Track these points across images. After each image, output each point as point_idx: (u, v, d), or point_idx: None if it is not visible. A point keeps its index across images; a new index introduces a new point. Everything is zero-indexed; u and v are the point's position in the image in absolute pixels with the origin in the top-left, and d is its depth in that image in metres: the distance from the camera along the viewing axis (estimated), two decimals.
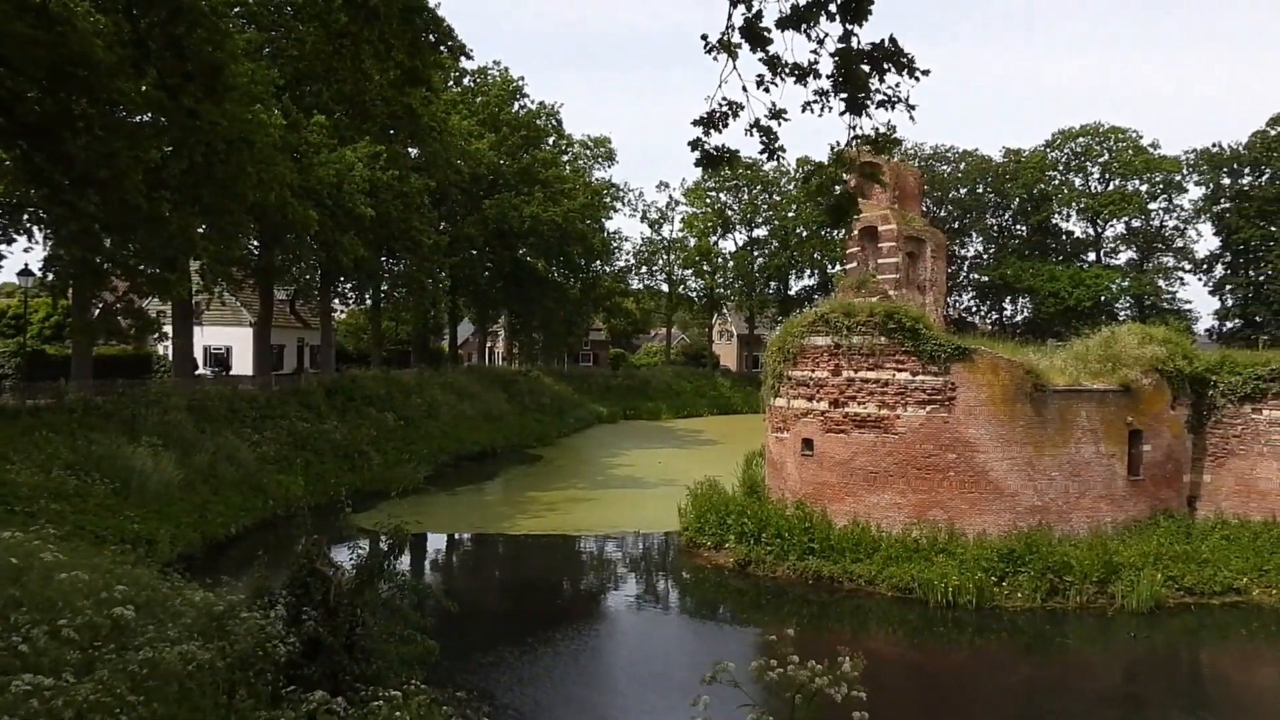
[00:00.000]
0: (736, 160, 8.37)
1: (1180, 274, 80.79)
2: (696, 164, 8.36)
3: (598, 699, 17.99)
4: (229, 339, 60.48)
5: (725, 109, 7.94)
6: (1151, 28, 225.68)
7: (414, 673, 11.02)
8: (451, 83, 60.85)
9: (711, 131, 8.07)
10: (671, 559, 29.31)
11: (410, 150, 47.20)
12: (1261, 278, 73.06)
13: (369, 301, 63.39)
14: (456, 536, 32.42)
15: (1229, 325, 76.00)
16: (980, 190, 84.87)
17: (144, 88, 16.14)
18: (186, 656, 8.25)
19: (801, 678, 6.18)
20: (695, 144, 8.17)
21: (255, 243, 41.81)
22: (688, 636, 22.50)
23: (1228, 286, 76.54)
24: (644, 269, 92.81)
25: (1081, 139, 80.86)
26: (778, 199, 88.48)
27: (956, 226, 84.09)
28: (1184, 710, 18.21)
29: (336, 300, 60.63)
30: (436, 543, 31.71)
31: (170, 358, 45.53)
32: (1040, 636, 21.71)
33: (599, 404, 74.78)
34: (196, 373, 43.45)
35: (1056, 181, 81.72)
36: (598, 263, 78.13)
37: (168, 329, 41.87)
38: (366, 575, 11.08)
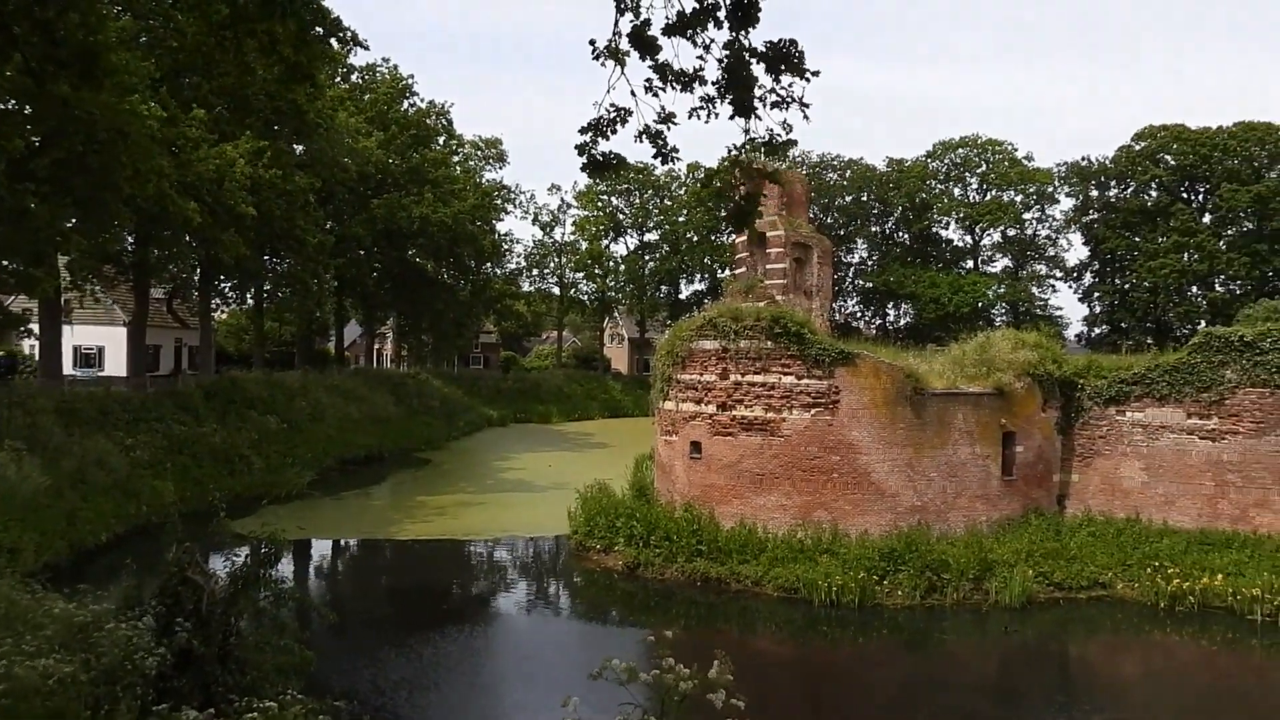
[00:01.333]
0: (624, 166, 8.38)
1: (1052, 281, 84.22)
2: (583, 169, 8.34)
3: (481, 701, 17.87)
4: (101, 338, 58.11)
5: (613, 115, 7.94)
6: (1027, 44, 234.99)
7: (291, 682, 10.72)
8: (339, 79, 59.59)
9: (599, 138, 8.07)
10: (561, 562, 29.26)
11: (296, 147, 45.99)
12: (1126, 286, 76.54)
13: (251, 301, 61.61)
14: (342, 543, 31.74)
15: (1097, 331, 79.42)
16: (865, 198, 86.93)
17: (8, 73, 15.35)
18: (46, 671, 7.86)
19: (669, 681, 6.22)
20: (582, 149, 8.15)
21: (130, 238, 40.22)
22: (576, 639, 22.47)
23: (1095, 294, 79.99)
24: (535, 272, 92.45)
25: (960, 150, 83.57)
26: (669, 203, 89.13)
27: (842, 233, 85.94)
28: (1054, 700, 18.94)
29: (217, 300, 58.68)
30: (321, 549, 31.00)
31: (37, 357, 43.46)
32: (920, 633, 22.34)
33: (489, 407, 74.14)
34: (65, 373, 41.52)
35: (937, 191, 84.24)
36: (488, 265, 77.45)
37: (35, 327, 40.00)
38: (241, 583, 10.74)
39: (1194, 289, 74.33)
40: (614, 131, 8.01)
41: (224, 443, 38.95)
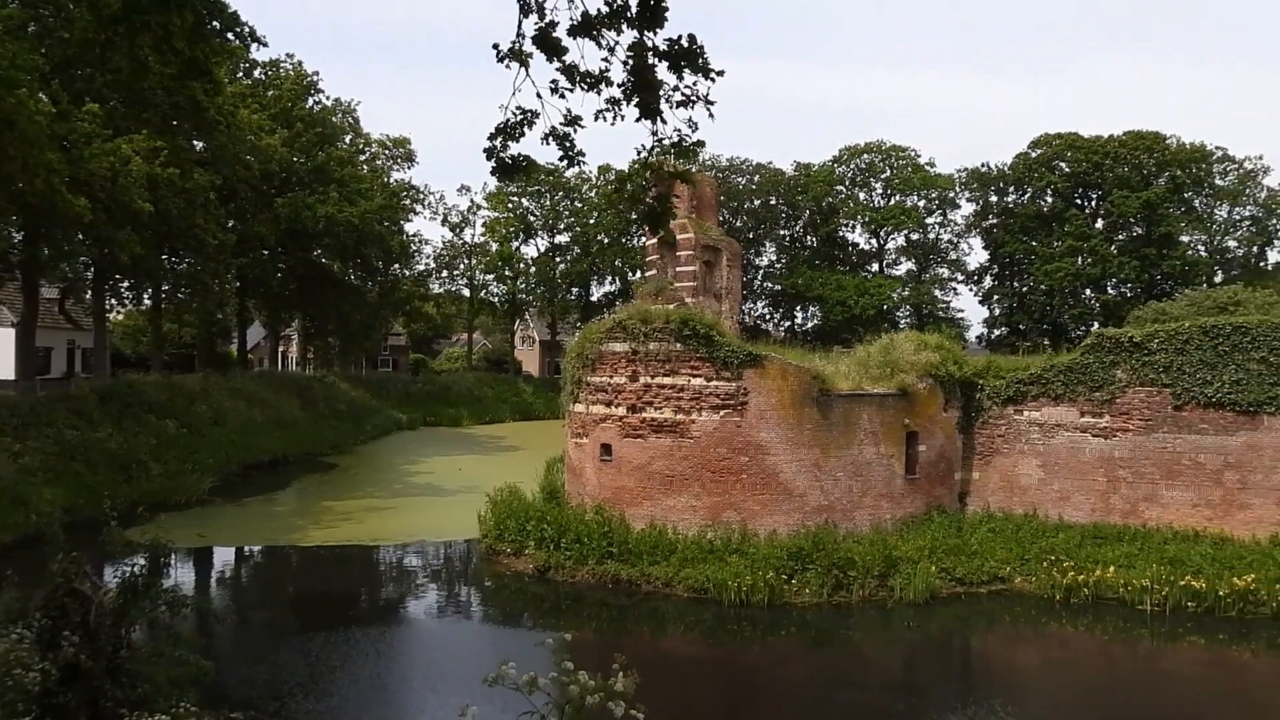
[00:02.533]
0: (534, 168, 8.32)
1: (954, 284, 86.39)
2: (493, 173, 8.27)
3: (382, 706, 17.58)
4: None
5: (521, 118, 7.89)
6: (930, 52, 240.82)
7: (186, 694, 10.39)
8: (240, 75, 58.17)
9: (508, 141, 8.01)
10: (471, 566, 28.99)
11: (195, 144, 44.72)
12: (1024, 289, 78.88)
13: (149, 302, 59.71)
14: (246, 550, 30.95)
15: (997, 333, 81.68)
16: (773, 202, 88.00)
17: None
18: None
19: (571, 691, 6.17)
20: (491, 153, 8.08)
21: (18, 234, 38.64)
22: (487, 643, 22.26)
23: (995, 297, 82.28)
24: (445, 273, 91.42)
25: (866, 156, 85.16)
26: (580, 205, 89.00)
27: (751, 236, 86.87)
28: (956, 692, 19.41)
29: (112, 300, 56.68)
30: (224, 557, 30.19)
31: None
32: (827, 630, 22.67)
33: (398, 410, 73.12)
34: None
35: (843, 195, 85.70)
36: (396, 265, 76.43)
37: None
38: (131, 593, 10.35)
39: (1088, 292, 76.92)
40: (522, 134, 7.96)
41: (120, 448, 37.66)
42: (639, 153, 8.46)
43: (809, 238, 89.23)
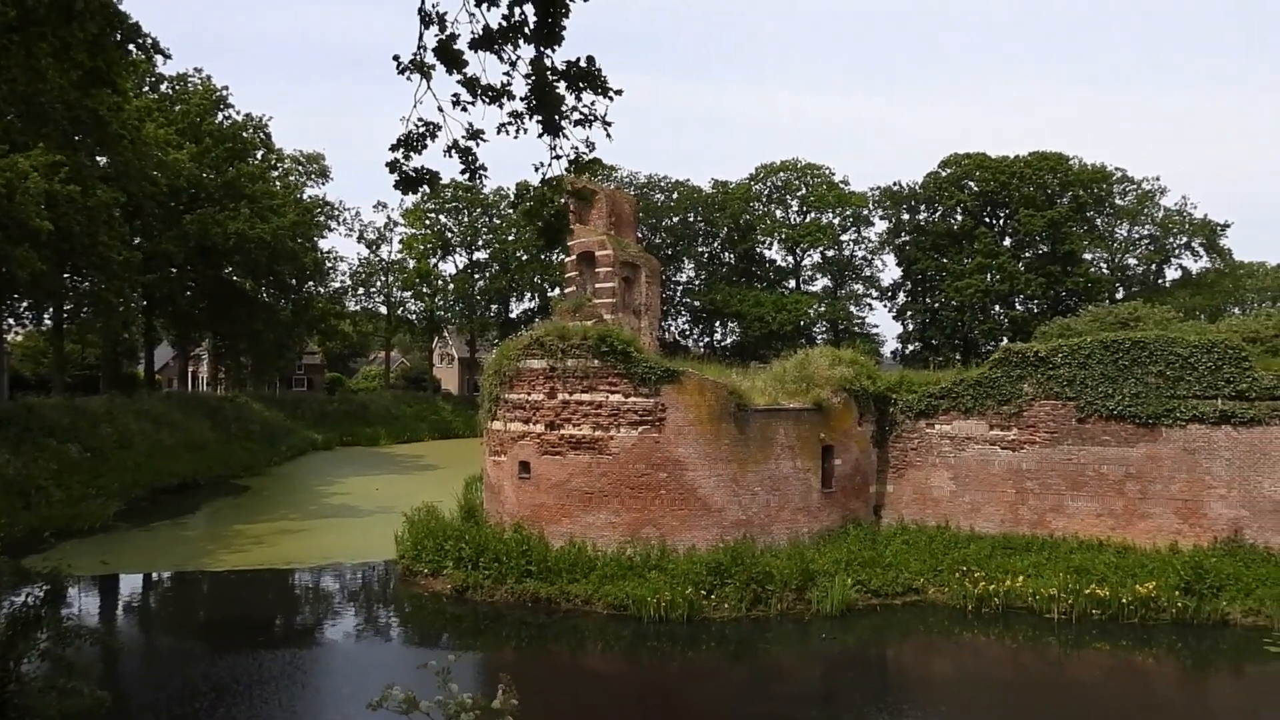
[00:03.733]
0: (436, 182, 8.28)
1: (869, 300, 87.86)
2: (396, 186, 8.21)
3: None
4: None
5: (423, 130, 7.86)
6: (842, 72, 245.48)
7: None
8: (146, 88, 56.73)
9: (410, 153, 7.96)
10: (388, 588, 28.54)
11: (98, 159, 43.44)
12: (936, 304, 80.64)
13: (50, 322, 57.67)
14: (154, 576, 30.00)
15: (910, 348, 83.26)
16: (692, 219, 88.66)
17: None
18: None
19: (450, 710, 6.11)
20: (393, 166, 8.02)
21: None
22: (405, 666, 21.86)
23: (908, 312, 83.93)
24: (361, 290, 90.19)
25: (782, 174, 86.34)
26: (498, 222, 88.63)
27: (670, 253, 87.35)
28: (872, 702, 19.68)
29: (10, 320, 54.67)
30: (131, 584, 29.20)
31: None
32: (745, 644, 22.80)
33: (313, 430, 71.81)
34: None
35: (760, 212, 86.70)
36: (311, 283, 75.06)
37: None
38: (21, 625, 9.94)
39: (997, 307, 78.93)
40: (424, 147, 7.93)
41: (18, 474, 36.33)
42: (537, 169, 8.48)
43: (727, 254, 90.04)
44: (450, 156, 8.05)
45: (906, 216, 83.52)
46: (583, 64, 7.64)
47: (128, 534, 35.09)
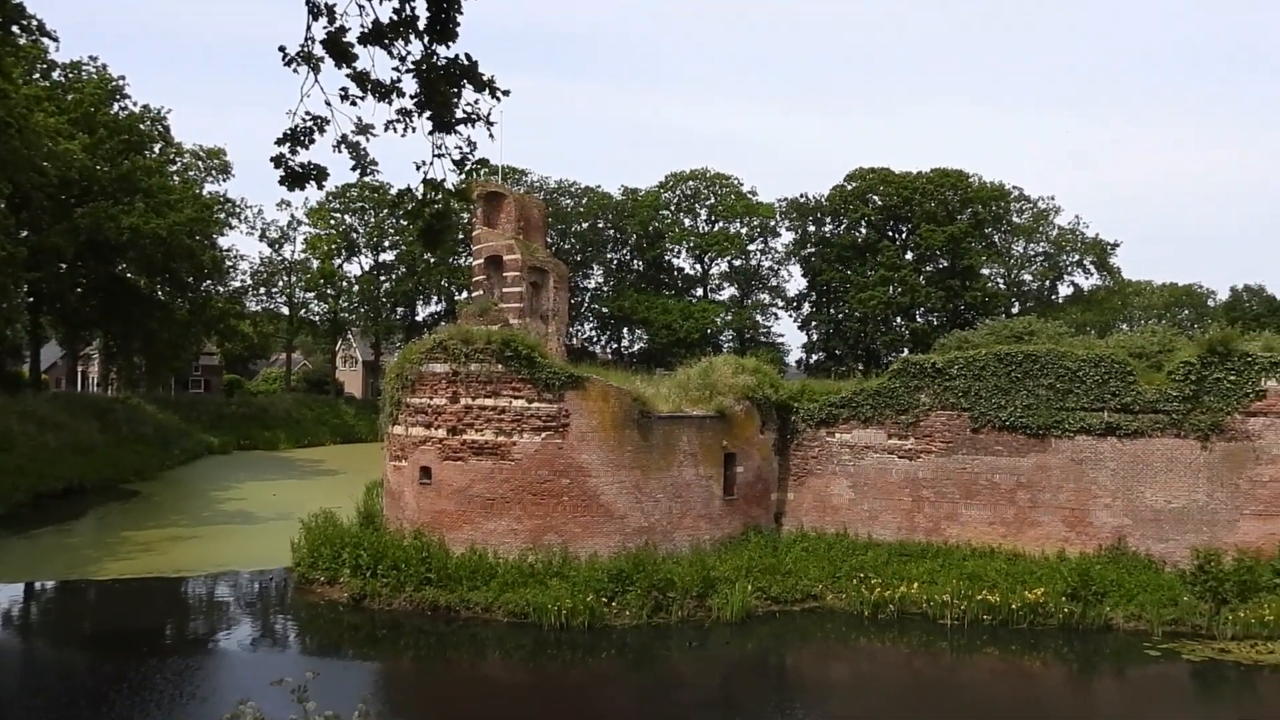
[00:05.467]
0: (325, 177, 8.06)
1: (775, 310, 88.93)
2: (281, 182, 7.98)
3: None
4: None
5: (310, 124, 7.67)
6: (751, 83, 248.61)
7: None
8: (37, 75, 54.48)
9: (297, 148, 7.75)
10: (283, 596, 27.81)
11: None
12: (840, 315, 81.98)
13: None
14: (36, 586, 28.72)
15: (815, 357, 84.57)
16: (601, 225, 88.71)
17: None
18: None
19: None
20: (279, 161, 7.81)
21: None
22: (299, 676, 21.37)
23: (813, 322, 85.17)
24: (263, 290, 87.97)
25: (691, 182, 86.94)
26: (405, 224, 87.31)
27: (579, 259, 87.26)
28: (772, 707, 19.88)
29: None
30: (10, 593, 27.83)
31: None
32: (646, 651, 22.85)
33: (210, 433, 69.74)
34: None
35: (669, 220, 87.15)
36: (209, 282, 72.89)
37: None
38: None
39: (898, 319, 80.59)
40: (311, 141, 7.73)
41: None
42: (418, 168, 8.34)
43: (636, 261, 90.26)
44: (339, 152, 7.87)
45: (812, 228, 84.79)
46: (464, 61, 7.53)
47: (8, 541, 33.57)
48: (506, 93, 7.77)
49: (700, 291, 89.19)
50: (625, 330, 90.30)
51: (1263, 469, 26.47)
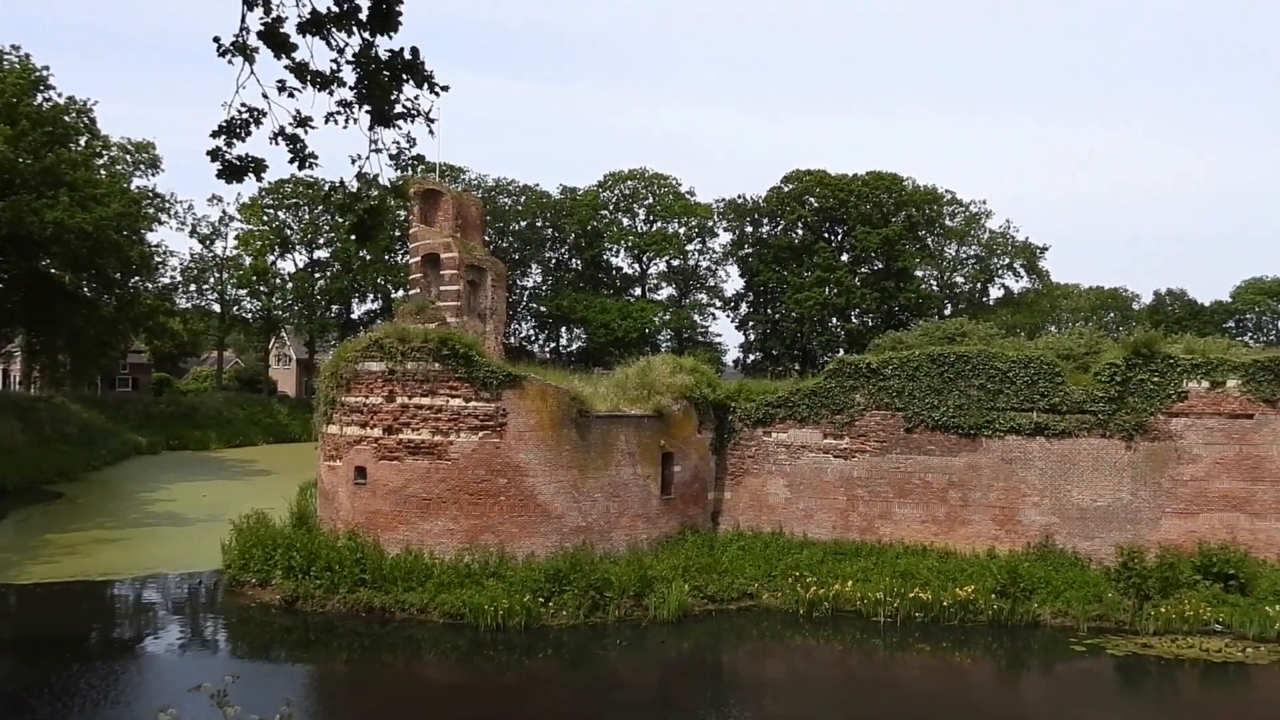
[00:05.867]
0: (263, 170, 7.92)
1: (713, 310, 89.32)
2: (219, 175, 7.82)
3: None
4: None
5: (246, 116, 7.53)
6: (689, 83, 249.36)
7: None
8: None
9: (233, 140, 7.61)
10: (213, 599, 27.28)
11: None
12: (777, 316, 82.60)
13: None
14: None
15: (752, 357, 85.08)
16: (540, 224, 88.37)
17: None
18: None
19: None
20: (215, 154, 7.65)
21: None
22: (226, 681, 20.99)
23: (750, 323, 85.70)
24: (193, 287, 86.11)
25: (630, 182, 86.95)
26: (341, 220, 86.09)
27: (517, 257, 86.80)
28: (707, 706, 19.98)
29: None
30: None
31: None
32: (583, 651, 22.82)
33: (138, 433, 68.17)
34: None
35: (607, 220, 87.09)
36: (137, 278, 71.15)
37: None
38: None
39: (834, 320, 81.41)
40: (248, 134, 7.59)
41: None
42: (353, 161, 8.23)
43: (574, 260, 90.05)
44: (276, 144, 7.73)
45: (750, 229, 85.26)
46: (406, 55, 7.46)
47: None
48: (445, 88, 7.69)
49: (638, 291, 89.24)
50: (563, 329, 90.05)
51: (1184, 468, 27.26)
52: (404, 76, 7.48)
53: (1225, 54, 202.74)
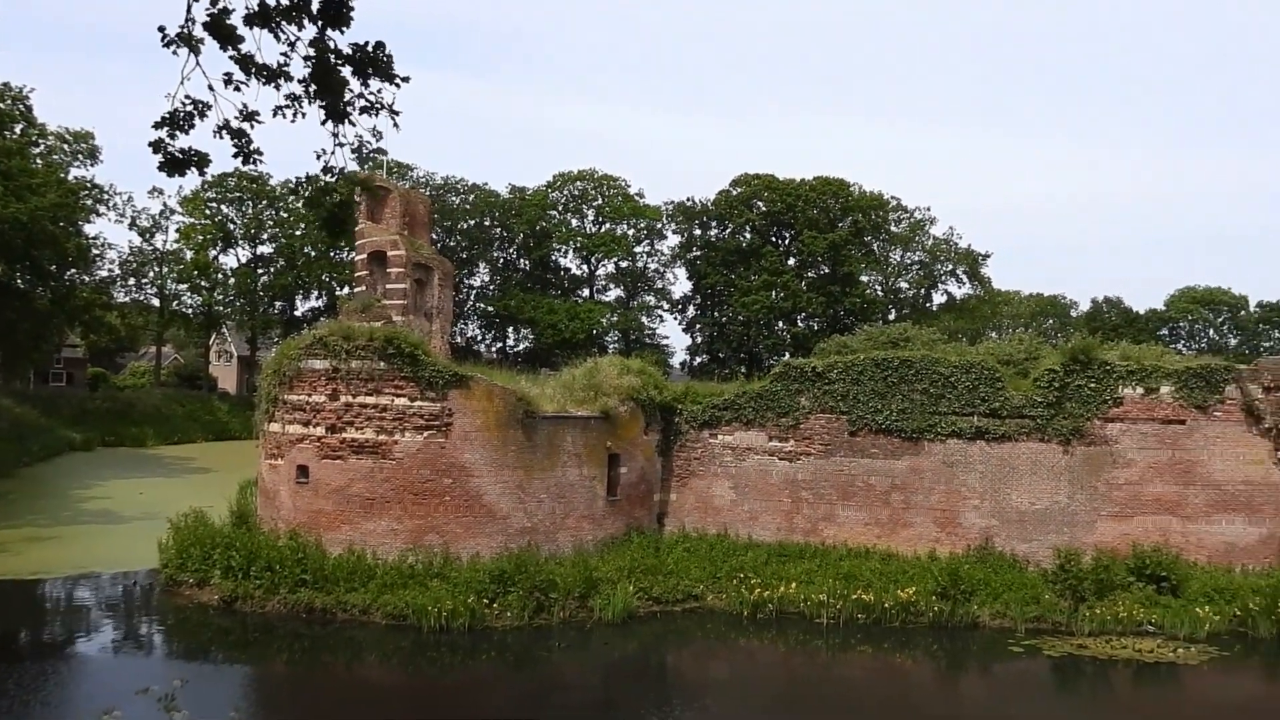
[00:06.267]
0: (206, 164, 7.79)
1: (660, 312, 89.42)
2: (161, 168, 7.68)
3: None
4: None
5: (190, 109, 7.40)
6: (639, 84, 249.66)
7: None
8: None
9: (176, 133, 7.48)
10: (149, 599, 26.75)
11: None
12: (724, 319, 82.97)
13: None
14: None
15: (699, 360, 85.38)
16: (488, 223, 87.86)
17: None
18: None
19: None
20: (158, 146, 7.51)
21: None
22: (166, 682, 20.58)
23: (698, 325, 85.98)
24: (132, 281, 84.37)
25: (579, 183, 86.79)
26: (285, 215, 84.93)
27: (465, 257, 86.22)
28: (650, 706, 20.01)
29: None
30: None
31: None
32: (527, 653, 22.74)
33: (72, 429, 66.57)
34: None
35: (556, 220, 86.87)
36: (74, 271, 69.61)
37: None
38: None
39: (780, 324, 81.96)
40: (191, 126, 7.46)
41: None
42: (319, 156, 8.15)
43: (522, 260, 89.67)
44: (221, 138, 7.62)
45: (698, 232, 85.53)
46: (370, 49, 7.39)
47: None
48: (406, 79, 7.63)
49: (586, 292, 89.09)
50: (511, 330, 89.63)
51: (1119, 472, 27.88)
52: (368, 69, 7.40)
53: (1163, 67, 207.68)
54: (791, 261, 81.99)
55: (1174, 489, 27.70)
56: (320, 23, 7.20)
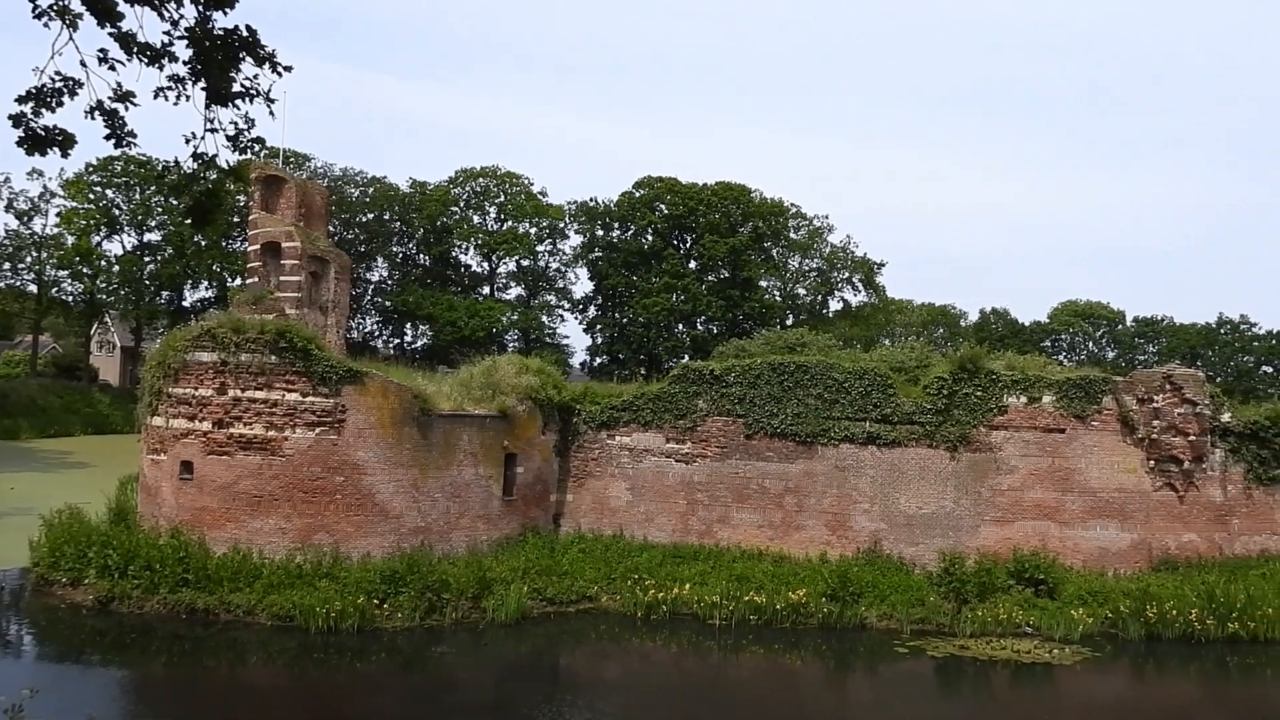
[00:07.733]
0: (71, 144, 7.41)
1: (561, 312, 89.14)
2: (19, 144, 7.27)
3: None
4: None
5: (60, 85, 7.05)
6: (545, 82, 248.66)
7: None
8: None
9: (42, 110, 7.11)
10: (18, 599, 25.54)
11: None
12: (625, 320, 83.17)
13: None
14: None
15: (599, 360, 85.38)
16: (388, 217, 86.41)
17: None
18: None
19: None
20: (19, 121, 7.12)
21: None
22: (14, 693, 19.66)
23: (598, 326, 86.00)
24: (7, 266, 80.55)
25: (481, 179, 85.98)
26: (175, 202, 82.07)
27: (363, 250, 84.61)
28: (541, 708, 19.90)
29: None
30: None
31: None
32: (417, 654, 22.45)
33: None
34: None
35: (457, 217, 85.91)
36: None
37: None
38: None
39: (680, 326, 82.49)
40: (59, 104, 7.09)
41: None
42: (187, 141, 7.84)
43: (422, 256, 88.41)
44: (93, 119, 7.28)
45: (600, 232, 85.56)
46: (243, 32, 7.15)
47: None
48: (289, 69, 7.41)
49: (487, 290, 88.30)
50: (409, 326, 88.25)
51: (1002, 478, 28.79)
52: (242, 54, 7.15)
53: (1052, 85, 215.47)
54: (692, 265, 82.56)
55: (1053, 495, 28.74)
56: (203, 4, 6.93)
